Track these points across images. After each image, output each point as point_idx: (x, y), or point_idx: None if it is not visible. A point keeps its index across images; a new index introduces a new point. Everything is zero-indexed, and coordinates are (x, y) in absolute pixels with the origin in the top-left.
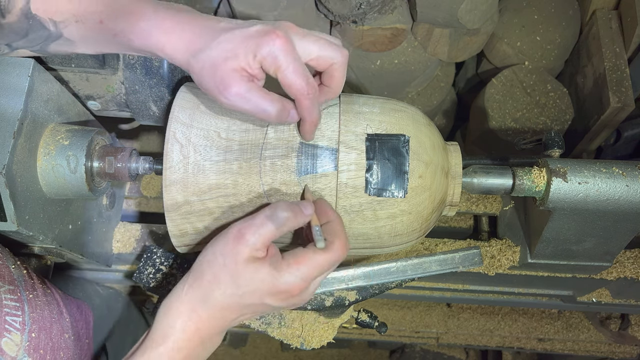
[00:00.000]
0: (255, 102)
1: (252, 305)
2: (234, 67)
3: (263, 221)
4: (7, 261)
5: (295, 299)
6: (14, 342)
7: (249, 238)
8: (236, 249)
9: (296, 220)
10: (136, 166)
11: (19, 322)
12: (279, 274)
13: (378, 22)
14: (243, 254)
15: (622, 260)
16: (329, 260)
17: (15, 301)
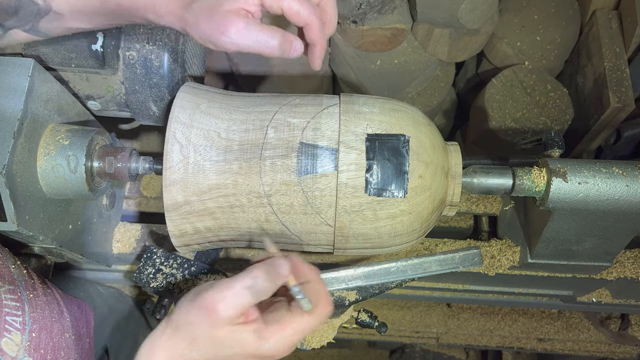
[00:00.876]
0: (256, 37)
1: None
2: (230, 9)
3: (241, 292)
4: (7, 261)
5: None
6: (14, 342)
7: (223, 313)
8: (209, 322)
9: (273, 285)
10: (136, 166)
11: (19, 322)
12: (262, 341)
13: (378, 22)
14: (218, 326)
15: (622, 260)
16: (313, 322)
17: (15, 301)
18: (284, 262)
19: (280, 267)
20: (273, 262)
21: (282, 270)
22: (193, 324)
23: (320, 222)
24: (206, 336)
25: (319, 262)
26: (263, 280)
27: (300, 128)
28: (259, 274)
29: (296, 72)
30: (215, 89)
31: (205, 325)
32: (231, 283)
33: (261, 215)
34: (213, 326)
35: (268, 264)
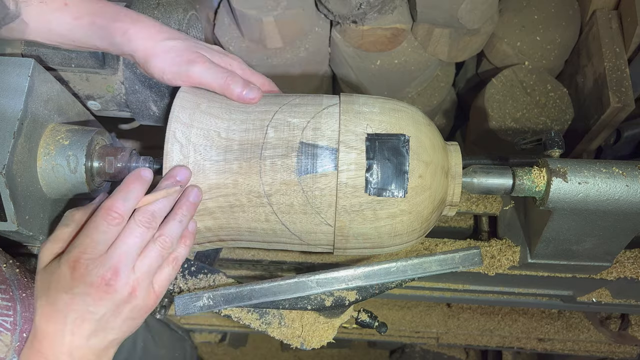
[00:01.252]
0: (215, 71)
1: (62, 302)
2: (198, 53)
3: (57, 227)
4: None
5: (90, 270)
6: (3, 342)
7: (42, 247)
8: (39, 256)
9: (84, 214)
10: (136, 166)
11: (10, 322)
12: (69, 248)
13: (378, 22)
14: (40, 261)
15: (622, 260)
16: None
17: (6, 300)
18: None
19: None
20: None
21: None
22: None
23: (320, 221)
24: (36, 279)
25: (319, 262)
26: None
27: (300, 128)
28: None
29: (296, 72)
30: None
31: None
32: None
33: (261, 215)
34: (39, 265)
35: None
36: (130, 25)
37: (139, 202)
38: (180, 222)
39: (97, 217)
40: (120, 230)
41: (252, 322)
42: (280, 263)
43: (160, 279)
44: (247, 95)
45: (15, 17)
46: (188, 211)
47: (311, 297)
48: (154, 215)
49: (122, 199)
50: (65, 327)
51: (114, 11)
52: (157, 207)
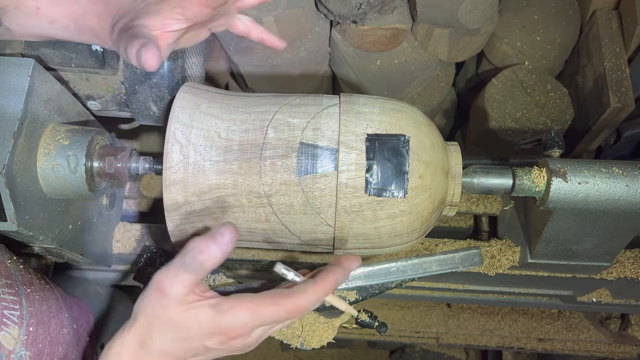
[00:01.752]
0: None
1: (194, 350)
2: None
3: (177, 271)
4: (3, 256)
5: (236, 342)
6: (11, 335)
7: (169, 291)
8: (160, 303)
9: (212, 254)
10: (136, 166)
11: (17, 316)
12: (219, 315)
13: (378, 22)
14: (170, 305)
15: (622, 260)
16: (275, 313)
17: (12, 295)
18: (226, 229)
19: (222, 234)
20: (215, 231)
21: (223, 237)
22: (147, 308)
23: (320, 222)
24: (160, 318)
25: (319, 262)
26: (199, 257)
27: (300, 128)
28: (192, 250)
29: (296, 72)
30: (215, 89)
31: (158, 307)
32: (171, 261)
33: (261, 215)
34: (165, 307)
35: (208, 235)
36: (99, 25)
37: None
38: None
39: (282, 311)
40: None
41: None
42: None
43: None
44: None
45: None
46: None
47: None
48: None
49: (314, 304)
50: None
51: (84, 9)
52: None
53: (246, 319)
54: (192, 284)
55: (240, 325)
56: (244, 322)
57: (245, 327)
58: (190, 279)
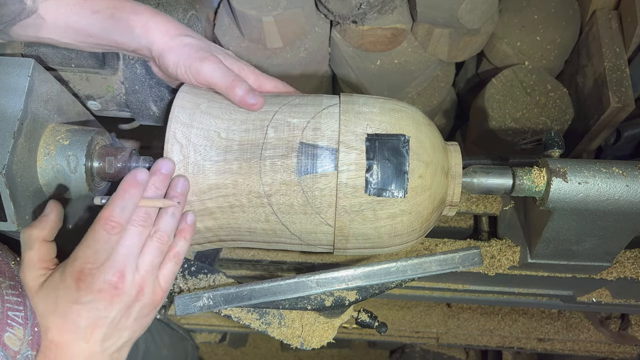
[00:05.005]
0: (224, 72)
1: (73, 313)
2: (211, 53)
3: (22, 256)
4: (7, 257)
5: (95, 279)
6: (16, 336)
7: (24, 280)
8: (30, 298)
9: (41, 230)
10: (136, 166)
11: (21, 317)
12: (65, 265)
13: (378, 22)
14: (32, 292)
15: (622, 260)
16: (89, 236)
17: (16, 296)
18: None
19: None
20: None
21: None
22: (32, 305)
23: (320, 222)
24: (36, 306)
25: (319, 262)
26: (26, 233)
27: (300, 128)
28: (25, 232)
29: (296, 72)
30: None
31: (30, 298)
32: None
33: (261, 215)
34: (31, 297)
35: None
36: (150, 17)
37: (136, 206)
38: (173, 215)
39: (97, 227)
40: (121, 237)
41: (252, 322)
42: (280, 263)
43: (165, 274)
44: (249, 100)
45: (31, 13)
46: (180, 203)
47: (311, 297)
48: (148, 213)
49: (119, 207)
50: (79, 335)
51: (133, 5)
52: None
53: (85, 241)
54: (36, 260)
55: (82, 259)
56: (82, 255)
57: (87, 262)
58: (31, 255)
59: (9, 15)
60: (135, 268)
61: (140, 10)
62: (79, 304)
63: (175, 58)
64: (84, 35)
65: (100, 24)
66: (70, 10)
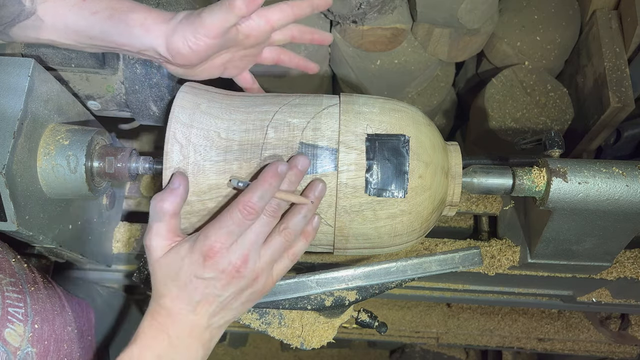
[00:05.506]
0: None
1: (193, 288)
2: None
3: (149, 227)
4: (7, 255)
5: (230, 269)
6: (17, 332)
7: (149, 244)
8: (151, 259)
9: (167, 199)
10: (136, 166)
11: (22, 314)
12: (195, 242)
13: (378, 22)
14: (156, 256)
15: (622, 260)
16: (228, 215)
17: (17, 293)
18: (174, 179)
19: (172, 182)
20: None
21: (173, 184)
22: (150, 271)
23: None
24: (156, 272)
25: (319, 262)
26: (159, 204)
27: (300, 128)
28: (156, 199)
29: (296, 72)
30: (215, 89)
31: (151, 264)
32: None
33: None
34: (154, 260)
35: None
36: (147, 14)
37: (272, 196)
38: (305, 217)
39: (235, 210)
40: (252, 223)
41: (252, 322)
42: None
43: (279, 268)
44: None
45: (30, 14)
46: (314, 206)
47: (311, 297)
48: (280, 205)
49: (259, 196)
50: (190, 307)
51: (130, 4)
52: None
53: (218, 227)
54: (165, 231)
55: (214, 237)
56: (218, 231)
57: (218, 241)
58: (160, 227)
59: (8, 17)
60: (258, 256)
61: (137, 9)
62: (200, 279)
63: (180, 35)
64: (84, 37)
65: (99, 25)
66: (68, 11)
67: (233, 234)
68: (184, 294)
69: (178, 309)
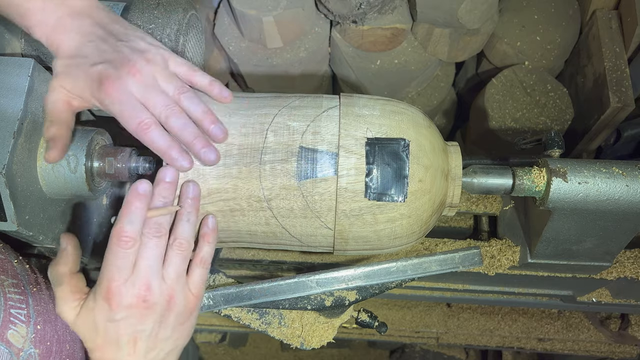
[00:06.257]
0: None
1: (112, 331)
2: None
3: (55, 293)
4: (10, 256)
5: (123, 295)
6: (19, 334)
7: (61, 312)
8: (66, 321)
9: (54, 268)
10: (136, 166)
11: (24, 315)
12: (95, 289)
13: (378, 22)
14: (68, 317)
15: (622, 260)
16: (108, 250)
17: (19, 294)
18: (65, 239)
19: (63, 242)
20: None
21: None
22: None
23: (320, 225)
24: (78, 333)
25: (319, 262)
26: (52, 271)
27: (300, 132)
28: (50, 271)
29: (296, 72)
30: None
31: (71, 327)
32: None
33: (261, 218)
34: (72, 324)
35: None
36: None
37: (144, 218)
38: (188, 220)
39: (112, 245)
40: (137, 250)
41: (252, 322)
42: (280, 263)
43: (194, 281)
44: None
45: None
46: (192, 208)
47: (311, 297)
48: (159, 223)
49: (128, 223)
50: (123, 352)
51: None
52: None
53: (103, 276)
54: (68, 292)
55: (106, 278)
56: (105, 274)
57: (111, 280)
58: (63, 290)
59: None
60: (161, 278)
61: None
62: (114, 322)
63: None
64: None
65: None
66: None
67: (122, 268)
68: (108, 342)
69: (111, 358)
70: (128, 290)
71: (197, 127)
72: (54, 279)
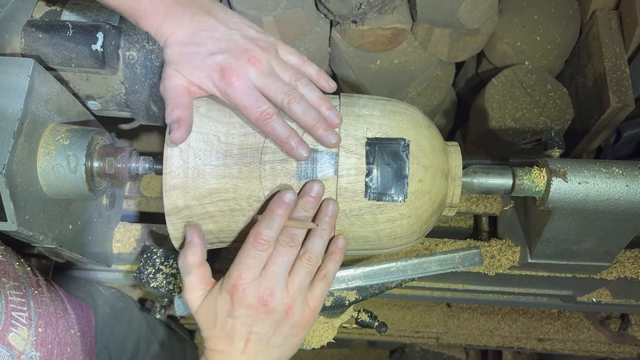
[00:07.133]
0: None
1: (229, 327)
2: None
3: (183, 281)
4: (11, 258)
5: (247, 293)
6: (21, 336)
7: (188, 298)
8: (190, 307)
9: (188, 253)
10: (136, 166)
11: (25, 318)
12: (222, 281)
13: (378, 22)
14: (194, 308)
15: (622, 260)
16: (244, 251)
17: (20, 297)
18: (193, 232)
19: (191, 234)
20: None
21: (192, 237)
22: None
23: None
24: (198, 321)
25: None
26: (183, 261)
27: (301, 131)
28: (180, 258)
29: None
30: None
31: (193, 314)
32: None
33: None
34: (194, 313)
35: (186, 244)
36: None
37: (282, 226)
38: (321, 237)
39: (248, 244)
40: (269, 254)
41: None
42: None
43: (313, 296)
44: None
45: None
46: (328, 225)
47: None
48: (294, 234)
49: (266, 227)
50: (235, 347)
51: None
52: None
53: (237, 260)
54: (196, 282)
55: (235, 274)
56: (234, 270)
57: (239, 277)
58: (191, 279)
59: None
60: (285, 287)
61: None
62: (233, 317)
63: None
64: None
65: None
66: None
67: (252, 267)
68: (224, 335)
69: (223, 350)
70: (252, 290)
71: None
72: (183, 269)
